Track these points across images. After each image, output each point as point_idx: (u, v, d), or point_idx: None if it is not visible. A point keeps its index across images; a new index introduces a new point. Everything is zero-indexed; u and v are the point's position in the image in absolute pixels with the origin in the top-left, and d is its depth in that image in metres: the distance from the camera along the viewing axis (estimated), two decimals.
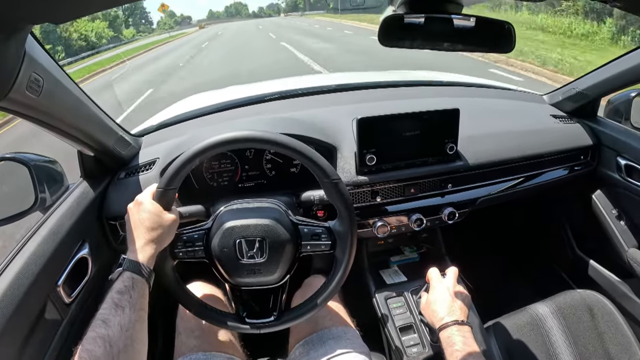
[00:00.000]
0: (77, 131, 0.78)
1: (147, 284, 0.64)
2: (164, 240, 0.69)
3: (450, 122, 0.95)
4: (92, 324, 0.55)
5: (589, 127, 1.18)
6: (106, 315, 0.56)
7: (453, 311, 0.76)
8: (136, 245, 0.65)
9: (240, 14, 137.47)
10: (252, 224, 0.72)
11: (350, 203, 0.73)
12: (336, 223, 0.75)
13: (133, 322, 0.57)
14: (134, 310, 0.59)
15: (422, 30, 0.72)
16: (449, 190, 1.01)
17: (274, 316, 0.76)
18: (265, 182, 1.00)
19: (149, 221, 0.67)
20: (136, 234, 0.66)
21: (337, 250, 0.74)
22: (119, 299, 0.58)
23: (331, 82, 1.43)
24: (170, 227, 0.70)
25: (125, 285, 0.60)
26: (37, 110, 0.66)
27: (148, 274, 0.64)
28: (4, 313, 0.62)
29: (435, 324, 0.77)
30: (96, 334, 0.53)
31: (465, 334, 0.72)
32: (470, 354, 0.68)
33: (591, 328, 1.01)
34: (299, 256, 0.76)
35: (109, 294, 0.59)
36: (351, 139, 0.97)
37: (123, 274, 0.62)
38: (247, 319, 0.76)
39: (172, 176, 0.69)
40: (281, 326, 0.76)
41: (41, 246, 0.74)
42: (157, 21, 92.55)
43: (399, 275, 1.09)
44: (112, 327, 0.55)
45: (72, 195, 0.87)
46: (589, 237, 1.26)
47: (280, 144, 0.70)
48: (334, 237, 0.74)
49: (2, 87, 0.55)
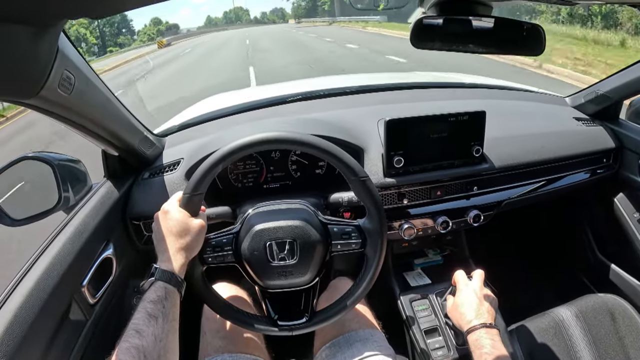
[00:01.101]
0: (104, 130, 0.77)
1: (179, 293, 0.64)
2: (194, 247, 0.68)
3: (476, 124, 0.94)
4: (125, 333, 0.54)
5: (611, 129, 1.17)
6: (140, 325, 0.55)
7: (481, 314, 0.76)
8: (167, 255, 0.64)
9: (241, 20, 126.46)
10: (282, 225, 0.72)
11: (379, 200, 0.72)
12: (366, 221, 0.74)
13: (166, 332, 0.57)
14: (167, 320, 0.58)
15: (452, 32, 0.72)
16: (474, 193, 1.00)
17: (306, 317, 0.75)
18: (290, 183, 0.99)
19: (177, 229, 0.66)
20: (166, 243, 0.65)
21: (368, 249, 0.74)
22: (152, 309, 0.57)
23: (352, 84, 1.42)
24: (199, 234, 0.69)
25: (158, 295, 0.59)
26: (67, 109, 0.65)
27: (180, 283, 0.64)
28: (30, 314, 0.61)
29: (463, 327, 0.77)
30: (130, 344, 0.52)
31: (494, 337, 0.72)
32: (498, 357, 0.68)
33: (612, 332, 1.01)
34: (330, 256, 0.75)
35: (141, 303, 0.58)
36: (377, 141, 0.96)
37: (155, 283, 0.61)
38: (279, 322, 0.75)
39: (198, 180, 0.68)
40: (313, 327, 0.75)
41: (66, 246, 0.73)
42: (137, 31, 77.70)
43: (423, 278, 1.09)
44: (146, 337, 0.54)
45: (96, 195, 0.86)
46: (611, 240, 1.25)
47: (307, 144, 0.69)
48: (364, 235, 0.74)
49: (35, 83, 0.54)
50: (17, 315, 0.60)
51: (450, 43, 0.73)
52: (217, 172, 0.70)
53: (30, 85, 0.53)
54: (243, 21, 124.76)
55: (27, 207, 0.80)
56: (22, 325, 0.60)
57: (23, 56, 0.48)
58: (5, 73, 0.47)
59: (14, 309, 0.60)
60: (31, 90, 0.54)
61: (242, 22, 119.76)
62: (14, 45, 0.45)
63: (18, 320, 0.59)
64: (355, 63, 9.75)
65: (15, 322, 0.59)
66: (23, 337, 0.59)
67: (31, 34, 0.47)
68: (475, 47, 0.74)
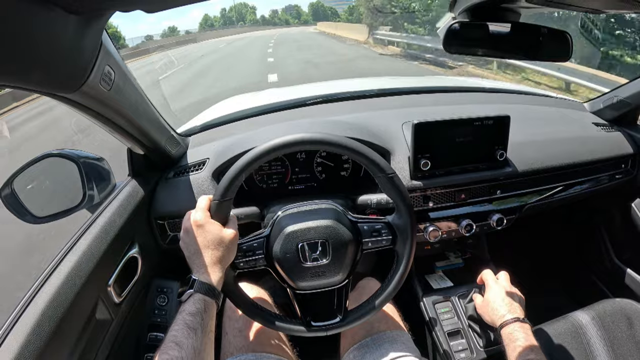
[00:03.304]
0: (134, 128, 0.76)
1: (217, 305, 0.64)
2: (229, 257, 0.68)
3: (501, 129, 0.95)
4: (164, 345, 0.54)
5: (629, 135, 1.18)
6: (179, 337, 0.55)
7: (513, 309, 0.79)
8: (204, 267, 0.64)
9: (244, 20, 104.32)
10: (313, 226, 0.71)
11: (408, 196, 0.72)
12: (395, 217, 0.74)
13: (204, 344, 0.57)
14: (206, 333, 0.58)
15: (483, 38, 0.72)
16: (497, 197, 1.00)
17: (340, 317, 0.75)
18: (315, 184, 0.99)
19: (213, 242, 0.65)
20: (202, 256, 0.65)
21: (398, 245, 0.74)
22: (192, 321, 0.57)
23: (374, 87, 1.41)
24: (233, 242, 0.69)
25: (197, 307, 0.59)
26: (104, 105, 0.64)
27: (218, 295, 0.64)
28: (57, 312, 0.61)
29: (496, 322, 0.78)
30: (169, 356, 0.52)
31: (527, 331, 0.74)
32: (532, 349, 0.70)
33: (629, 337, 1.02)
34: (361, 254, 0.75)
35: (179, 315, 0.58)
36: (403, 143, 0.96)
37: (194, 295, 0.61)
38: (312, 322, 0.74)
39: (228, 185, 0.67)
40: (347, 327, 0.75)
41: (93, 245, 0.73)
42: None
43: (445, 281, 1.09)
44: (185, 349, 0.54)
45: (121, 194, 0.85)
46: (627, 245, 1.26)
47: (333, 144, 0.69)
48: (394, 232, 0.74)
49: (79, 77, 0.53)
50: (44, 314, 0.59)
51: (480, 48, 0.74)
52: (248, 173, 0.69)
53: (74, 78, 0.52)
54: (247, 21, 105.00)
55: (50, 205, 0.79)
56: (50, 323, 0.59)
57: (70, 47, 0.47)
58: (52, 64, 0.46)
59: (42, 307, 0.60)
60: (74, 84, 0.53)
61: (246, 23, 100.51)
62: (62, 34, 0.44)
63: (46, 318, 0.59)
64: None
65: (43, 320, 0.58)
66: (50, 336, 0.58)
67: (78, 25, 0.46)
68: (504, 53, 0.75)
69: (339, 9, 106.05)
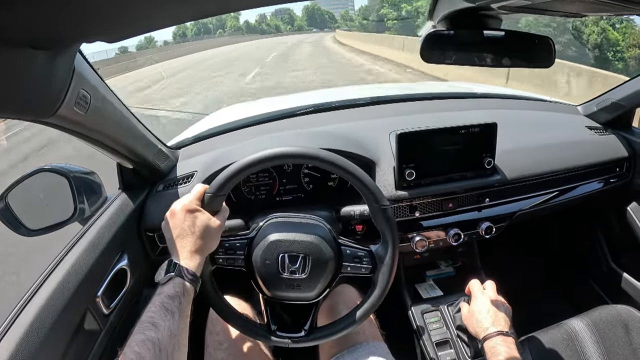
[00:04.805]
0: (119, 145, 0.78)
1: (195, 291, 0.63)
2: (211, 246, 0.68)
3: (488, 136, 0.94)
4: (139, 325, 0.53)
5: (624, 138, 1.16)
6: (156, 318, 0.54)
7: (497, 322, 0.77)
8: (186, 252, 0.64)
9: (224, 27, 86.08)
10: (297, 239, 0.72)
11: (396, 229, 0.72)
12: (379, 248, 0.74)
13: (180, 328, 0.56)
14: (182, 317, 0.58)
15: (462, 46, 0.72)
16: (486, 205, 1.00)
17: (305, 331, 0.75)
18: (302, 195, 1.00)
19: (200, 229, 0.65)
20: (186, 241, 0.65)
21: (376, 275, 0.74)
22: (169, 304, 0.57)
23: (364, 95, 1.41)
24: (217, 232, 0.69)
25: (176, 290, 0.59)
26: (83, 126, 0.66)
27: (197, 281, 0.63)
28: (46, 323, 0.62)
29: (479, 334, 0.77)
30: (145, 336, 0.51)
31: (510, 345, 0.72)
32: None
33: (626, 343, 1.00)
34: (338, 277, 0.75)
35: (157, 297, 0.58)
36: (389, 153, 0.96)
37: (174, 279, 0.60)
38: (277, 332, 0.75)
39: (224, 182, 0.69)
40: (310, 343, 0.75)
41: (82, 257, 0.74)
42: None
43: (435, 290, 1.08)
44: (162, 331, 0.53)
45: (112, 207, 0.87)
46: (624, 250, 1.24)
47: (334, 164, 0.69)
48: (374, 262, 0.74)
49: (52, 103, 0.55)
50: (33, 325, 0.61)
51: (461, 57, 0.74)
52: (243, 177, 0.70)
53: (47, 105, 0.54)
54: (227, 29, 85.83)
55: (43, 218, 0.81)
56: (38, 334, 0.60)
57: (41, 78, 0.49)
58: (24, 94, 0.48)
59: (30, 319, 0.61)
60: (49, 110, 0.55)
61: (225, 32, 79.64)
62: (32, 68, 0.46)
63: (34, 330, 0.60)
64: None
65: (31, 332, 0.60)
66: (39, 347, 0.60)
67: (48, 57, 0.48)
68: (486, 61, 0.74)
69: (336, 13, 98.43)
